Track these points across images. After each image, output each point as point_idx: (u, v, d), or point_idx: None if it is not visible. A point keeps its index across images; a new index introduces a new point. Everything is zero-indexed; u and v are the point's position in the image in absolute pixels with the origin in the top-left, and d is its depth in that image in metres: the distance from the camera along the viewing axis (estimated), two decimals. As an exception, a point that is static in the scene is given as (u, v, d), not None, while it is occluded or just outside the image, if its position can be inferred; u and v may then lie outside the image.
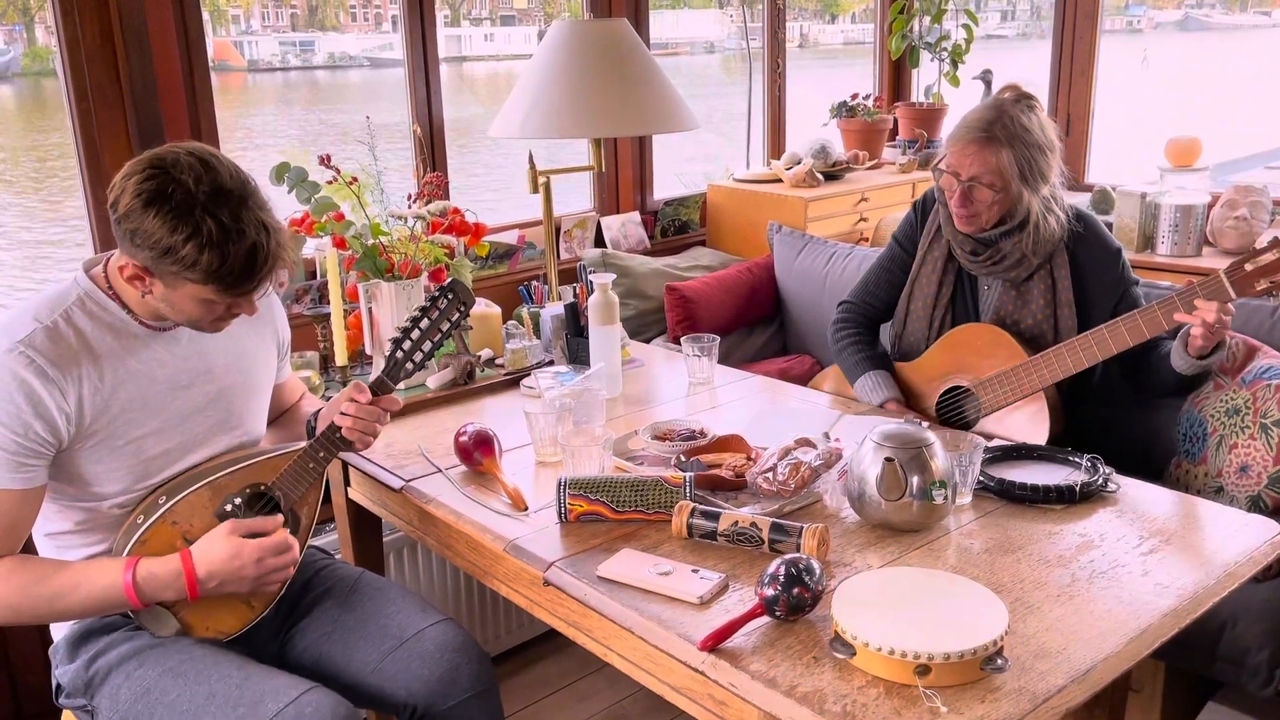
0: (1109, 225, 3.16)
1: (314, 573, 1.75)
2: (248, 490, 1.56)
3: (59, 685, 1.58)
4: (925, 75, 4.08)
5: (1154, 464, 2.14)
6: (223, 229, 1.35)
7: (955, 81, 3.89)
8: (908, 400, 2.14)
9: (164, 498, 1.52)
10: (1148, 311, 1.84)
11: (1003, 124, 1.93)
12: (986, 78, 3.80)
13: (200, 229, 1.34)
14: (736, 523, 1.45)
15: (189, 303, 1.43)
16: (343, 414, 1.58)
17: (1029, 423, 1.99)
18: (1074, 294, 2.01)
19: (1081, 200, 3.13)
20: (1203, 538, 1.49)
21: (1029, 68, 3.91)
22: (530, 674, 2.62)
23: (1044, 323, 2.02)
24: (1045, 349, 1.96)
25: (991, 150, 1.92)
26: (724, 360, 2.36)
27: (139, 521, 1.50)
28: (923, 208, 2.19)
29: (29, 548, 1.51)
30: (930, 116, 3.90)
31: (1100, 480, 1.63)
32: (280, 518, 1.54)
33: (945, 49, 3.87)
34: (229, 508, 1.54)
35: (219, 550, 1.46)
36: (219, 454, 1.61)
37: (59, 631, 1.59)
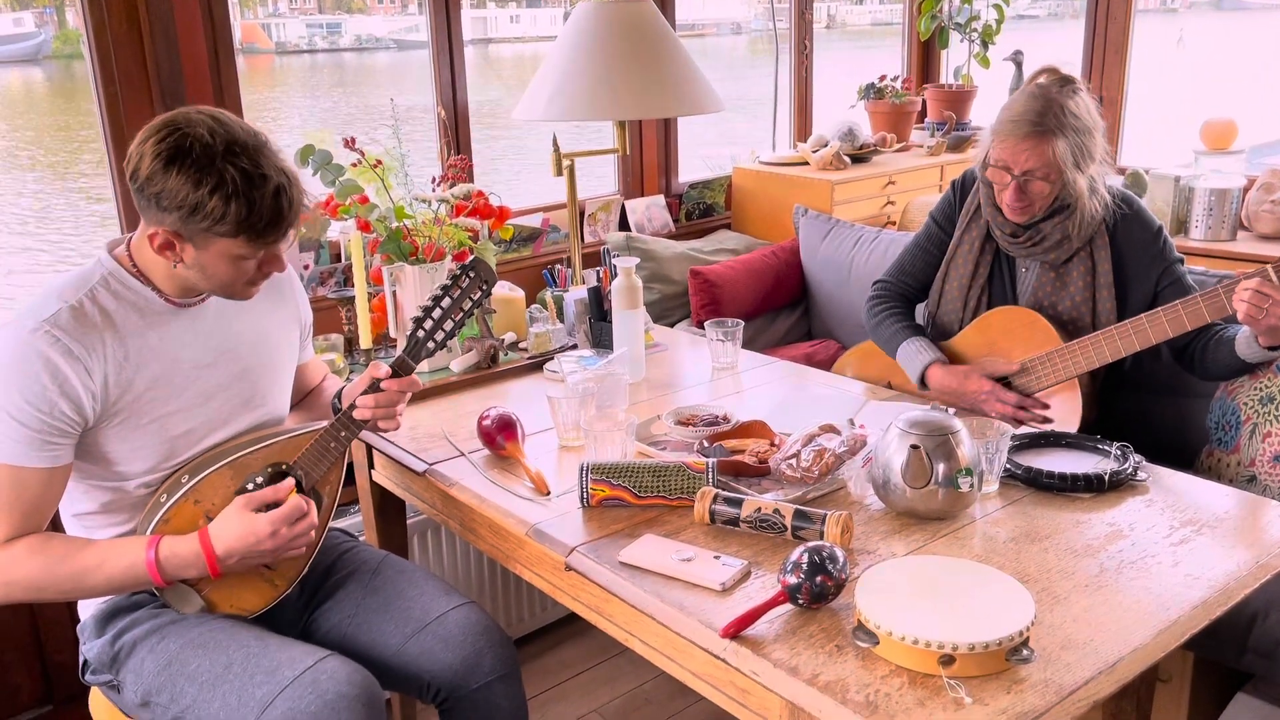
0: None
1: (338, 555, 1.75)
2: (269, 469, 1.56)
3: (86, 661, 1.60)
4: (955, 56, 4.03)
5: (1186, 452, 2.10)
6: (246, 176, 1.36)
7: (985, 63, 3.83)
8: None
9: (186, 476, 1.53)
10: (1190, 303, 1.80)
11: (1054, 114, 1.88)
12: (1017, 59, 3.74)
13: (224, 179, 1.35)
14: (759, 509, 1.44)
15: (221, 263, 1.43)
16: (359, 407, 1.57)
17: (1061, 409, 1.96)
18: (1114, 277, 1.98)
19: (1114, 184, 3.09)
20: (1235, 528, 1.47)
21: (1061, 48, 3.84)
22: (552, 657, 2.63)
23: (1082, 306, 1.99)
24: (1082, 333, 1.93)
25: (1047, 143, 1.88)
26: (748, 345, 2.35)
27: (162, 500, 1.51)
28: (962, 187, 2.16)
29: (57, 529, 1.52)
30: (960, 98, 3.85)
31: (1130, 469, 1.60)
32: (291, 482, 1.53)
33: (975, 29, 3.81)
34: (250, 486, 1.54)
35: (234, 527, 1.47)
36: (242, 433, 1.61)
37: (86, 609, 1.61)
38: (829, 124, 3.59)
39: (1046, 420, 1.97)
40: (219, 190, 1.35)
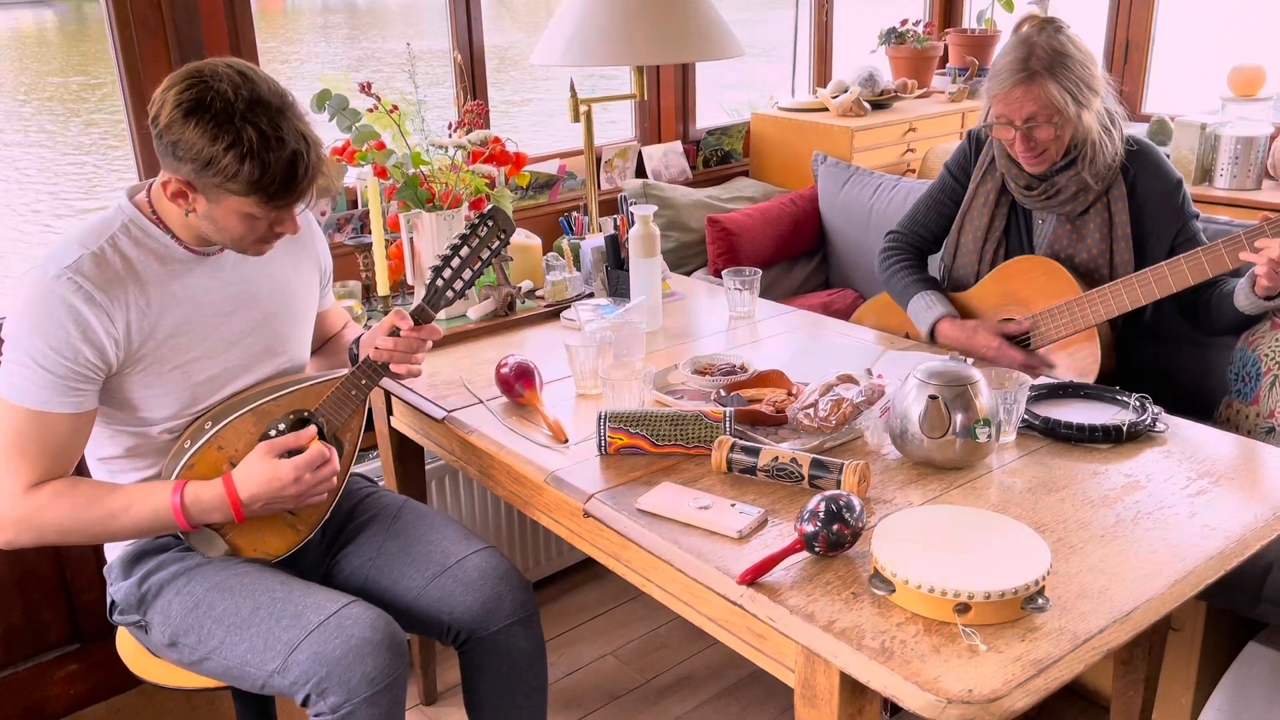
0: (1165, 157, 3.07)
1: (359, 500, 1.77)
2: (291, 416, 1.58)
3: (113, 602, 1.63)
4: (978, 0, 3.95)
5: (1204, 403, 2.10)
6: (263, 137, 1.35)
7: (1009, 7, 3.76)
8: None
9: (210, 423, 1.54)
10: (1211, 249, 1.79)
11: (1037, 56, 1.87)
12: (1042, 3, 3.66)
13: (240, 138, 1.34)
14: (777, 458, 1.45)
15: (232, 219, 1.43)
16: (378, 348, 1.58)
17: (1080, 359, 1.96)
18: (1131, 228, 1.96)
19: (1138, 131, 3.04)
20: (1252, 479, 1.47)
21: (1087, -8, 3.76)
22: (569, 600, 2.66)
23: (1099, 257, 1.97)
24: (1100, 284, 1.92)
25: (1037, 85, 1.87)
26: (766, 294, 2.34)
27: (186, 446, 1.53)
28: (977, 138, 2.14)
29: (83, 472, 1.54)
30: (982, 43, 3.78)
31: (1148, 420, 1.60)
32: (313, 429, 1.54)
33: (1000, -28, 3.74)
34: (273, 433, 1.56)
35: (258, 473, 1.48)
36: (264, 380, 1.63)
37: (113, 551, 1.64)
38: (849, 69, 3.53)
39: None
40: (234, 148, 1.34)
